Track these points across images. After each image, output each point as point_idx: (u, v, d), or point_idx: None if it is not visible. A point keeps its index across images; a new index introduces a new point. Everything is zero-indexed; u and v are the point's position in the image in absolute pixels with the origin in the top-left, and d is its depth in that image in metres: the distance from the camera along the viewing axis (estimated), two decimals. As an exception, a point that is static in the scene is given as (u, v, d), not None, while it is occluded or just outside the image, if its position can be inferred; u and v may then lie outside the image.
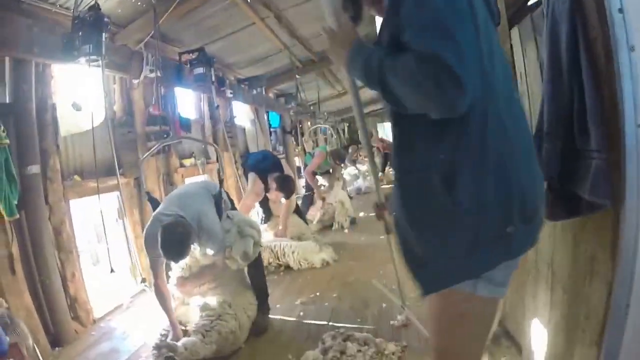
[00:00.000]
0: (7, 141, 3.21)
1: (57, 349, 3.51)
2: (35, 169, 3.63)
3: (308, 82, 9.83)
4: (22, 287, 3.27)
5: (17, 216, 3.29)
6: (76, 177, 4.37)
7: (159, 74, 5.22)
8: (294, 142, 11.08)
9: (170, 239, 2.96)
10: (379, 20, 1.47)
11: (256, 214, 5.97)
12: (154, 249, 3.04)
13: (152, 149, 4.46)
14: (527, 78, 2.16)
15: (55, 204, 3.87)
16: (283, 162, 6.11)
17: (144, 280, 4.81)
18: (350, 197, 8.60)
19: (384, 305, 3.72)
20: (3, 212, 3.17)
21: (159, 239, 2.95)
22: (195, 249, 3.44)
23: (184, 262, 3.50)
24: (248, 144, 8.65)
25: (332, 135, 11.62)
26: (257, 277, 3.76)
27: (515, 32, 2.26)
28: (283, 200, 5.57)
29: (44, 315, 3.48)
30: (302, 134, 11.40)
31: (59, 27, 3.78)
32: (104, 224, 4.31)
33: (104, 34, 3.74)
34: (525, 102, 2.16)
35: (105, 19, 3.76)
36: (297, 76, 8.49)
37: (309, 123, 12.54)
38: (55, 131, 3.99)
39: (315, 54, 8.33)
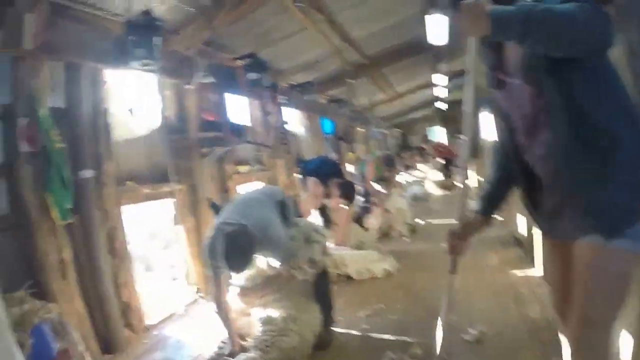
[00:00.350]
0: (62, 145, 3.14)
1: (108, 356, 3.38)
2: (89, 173, 3.55)
3: (360, 86, 9.53)
4: (73, 292, 3.17)
5: (71, 221, 3.21)
6: (130, 183, 4.30)
7: (212, 80, 5.14)
8: (348, 149, 10.83)
9: (232, 250, 2.77)
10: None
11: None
12: (215, 259, 2.87)
13: (218, 152, 4.35)
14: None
15: (109, 209, 3.78)
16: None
17: (198, 290, 4.68)
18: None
19: (455, 318, 3.41)
20: (56, 217, 3.09)
21: (221, 249, 2.77)
22: (258, 258, 3.25)
23: (247, 271, 3.31)
24: (302, 151, 8.47)
25: (385, 141, 11.30)
26: (323, 288, 3.48)
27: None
28: (343, 207, 5.34)
29: (96, 321, 3.36)
30: (355, 141, 11.16)
31: (110, 32, 3.71)
32: (163, 231, 4.23)
33: (158, 37, 3.63)
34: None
35: (159, 23, 3.66)
36: (350, 81, 8.24)
37: (361, 129, 12.26)
38: (109, 136, 3.92)
39: (367, 57, 8.07)
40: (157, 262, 5.09)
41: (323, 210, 5.60)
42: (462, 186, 2.13)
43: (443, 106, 15.61)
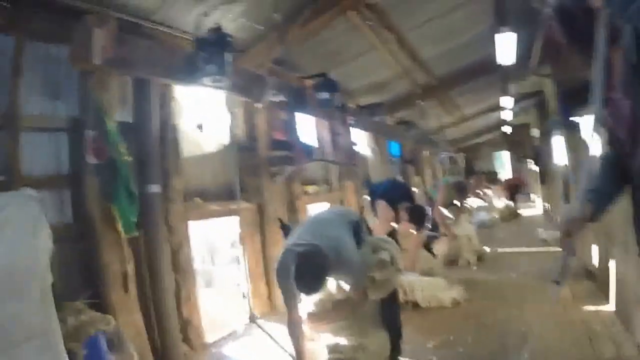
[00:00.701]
0: (129, 158, 3.06)
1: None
2: (155, 188, 3.46)
3: (427, 109, 9.07)
4: (133, 305, 3.06)
5: (136, 234, 3.11)
6: (197, 199, 4.20)
7: (283, 98, 5.00)
8: (414, 172, 10.37)
9: (304, 271, 2.55)
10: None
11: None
12: (287, 282, 2.64)
13: (287, 171, 4.15)
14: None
15: (175, 225, 3.69)
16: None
17: (252, 318, 4.38)
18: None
19: (526, 355, 3.12)
20: (121, 229, 2.99)
21: (293, 270, 2.55)
22: (329, 281, 3.01)
23: (317, 295, 3.06)
24: (369, 173, 8.17)
25: (453, 165, 10.72)
26: (392, 314, 3.19)
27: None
28: (413, 232, 4.98)
29: (154, 336, 3.22)
30: (422, 164, 10.70)
31: (180, 49, 3.65)
32: (228, 248, 4.08)
33: (228, 54, 3.52)
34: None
35: (229, 39, 3.55)
36: (420, 102, 7.88)
37: (427, 152, 11.77)
38: (177, 151, 3.84)
39: (436, 78, 7.70)
40: (219, 279, 4.93)
41: (392, 235, 5.27)
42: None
43: (508, 130, 14.86)
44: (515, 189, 12.70)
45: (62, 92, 2.96)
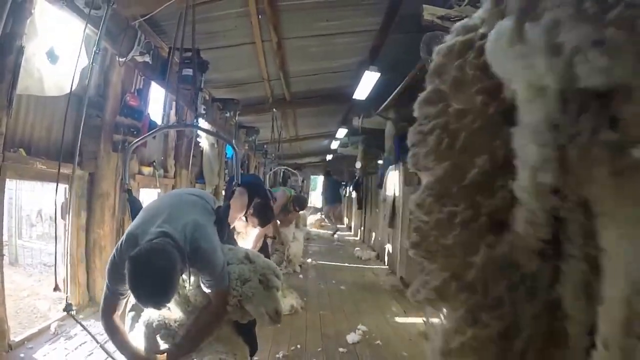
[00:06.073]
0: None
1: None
2: (-25, 120, 2.32)
3: (267, 120, 8.65)
4: None
5: None
6: (21, 151, 3.05)
7: (148, 61, 4.08)
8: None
9: (146, 275, 1.71)
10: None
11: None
12: (117, 281, 1.87)
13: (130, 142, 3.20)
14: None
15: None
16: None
17: (69, 307, 3.28)
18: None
19: None
20: None
21: (127, 272, 1.71)
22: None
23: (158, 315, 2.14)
24: (203, 168, 7.37)
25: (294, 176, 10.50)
26: (249, 328, 2.46)
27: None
28: (255, 231, 4.47)
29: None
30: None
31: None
32: (56, 221, 2.98)
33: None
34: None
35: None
36: (274, 111, 7.48)
37: (257, 161, 11.36)
38: (14, 83, 2.68)
39: (291, 93, 7.44)
40: (25, 256, 3.67)
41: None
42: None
43: (329, 157, 15.60)
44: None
45: None
